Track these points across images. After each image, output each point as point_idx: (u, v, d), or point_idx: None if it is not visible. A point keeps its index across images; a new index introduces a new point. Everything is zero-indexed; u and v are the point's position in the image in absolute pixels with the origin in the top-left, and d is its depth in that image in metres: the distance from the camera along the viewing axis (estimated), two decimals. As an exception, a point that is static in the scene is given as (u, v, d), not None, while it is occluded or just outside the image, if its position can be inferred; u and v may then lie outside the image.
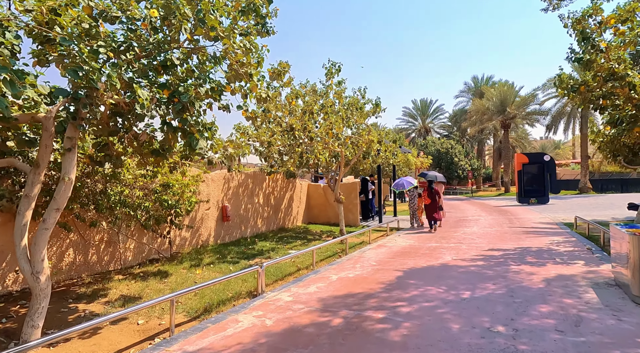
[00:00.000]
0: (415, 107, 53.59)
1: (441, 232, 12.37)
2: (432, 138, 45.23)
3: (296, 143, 8.74)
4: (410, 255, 8.77)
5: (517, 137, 42.00)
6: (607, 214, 16.09)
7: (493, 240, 10.50)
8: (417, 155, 25.99)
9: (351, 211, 14.37)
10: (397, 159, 13.27)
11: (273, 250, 9.31)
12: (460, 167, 40.68)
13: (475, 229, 12.85)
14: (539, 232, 11.69)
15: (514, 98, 34.91)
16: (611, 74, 8.64)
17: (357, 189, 14.40)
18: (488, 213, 18.61)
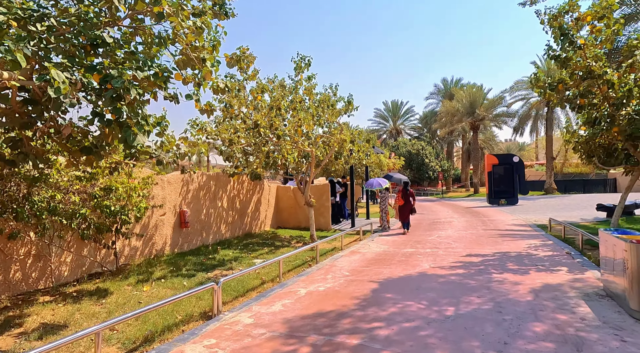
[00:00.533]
0: (386, 108, 53.76)
1: (416, 236, 11.87)
2: (404, 139, 45.37)
3: (262, 141, 7.92)
4: (386, 262, 8.14)
5: (485, 139, 42.77)
6: (575, 215, 16.20)
7: (470, 244, 10.07)
8: (389, 156, 25.68)
9: (322, 215, 13.67)
10: (370, 159, 12.70)
11: (236, 259, 8.44)
12: (431, 168, 40.95)
13: (450, 232, 12.44)
14: (515, 235, 11.40)
15: (482, 100, 35.43)
16: (588, 73, 8.37)
17: (329, 191, 13.72)
18: (460, 214, 18.42)
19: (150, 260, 7.99)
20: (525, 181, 25.11)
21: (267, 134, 7.91)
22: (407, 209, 13.37)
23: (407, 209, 13.37)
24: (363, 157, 12.56)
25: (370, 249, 9.87)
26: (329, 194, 13.67)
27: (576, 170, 46.68)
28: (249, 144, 8.24)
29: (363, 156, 12.55)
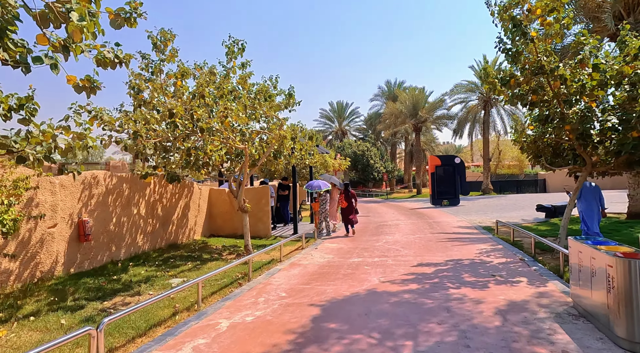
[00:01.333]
0: (331, 109, 53.38)
1: (362, 242, 10.96)
2: (349, 140, 45.13)
3: (180, 135, 6.46)
4: (330, 276, 7.05)
5: (427, 140, 43.77)
6: (515, 215, 16.37)
7: (419, 250, 9.32)
8: (335, 157, 24.90)
9: (261, 220, 12.33)
10: (313, 159, 11.64)
11: (148, 280, 6.87)
12: (376, 169, 41.02)
13: (397, 237, 11.71)
14: (463, 239, 10.90)
15: (424, 102, 36.05)
16: (539, 68, 7.92)
17: (269, 194, 12.41)
18: (406, 216, 17.99)
19: (30, 287, 6.19)
20: (466, 182, 25.62)
21: (186, 126, 6.46)
22: (350, 210, 12.72)
23: (350, 210, 12.72)
24: (306, 156, 11.44)
25: (312, 259, 8.74)
26: (268, 197, 12.37)
27: (508, 171, 49.46)
28: (166, 139, 6.72)
29: (306, 156, 11.43)
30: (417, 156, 37.02)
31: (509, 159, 48.27)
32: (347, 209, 12.91)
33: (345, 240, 11.50)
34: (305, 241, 11.02)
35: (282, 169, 11.36)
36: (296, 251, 10.03)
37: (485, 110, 32.70)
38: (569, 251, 4.94)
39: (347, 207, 12.92)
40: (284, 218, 15.47)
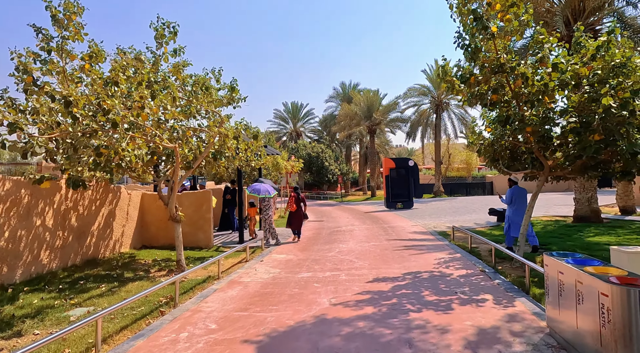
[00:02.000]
0: (286, 109, 52.25)
1: (314, 252, 10.03)
2: (304, 142, 44.27)
3: (85, 130, 5.11)
4: (273, 298, 6.03)
5: (381, 143, 43.96)
6: (468, 219, 16.25)
7: (375, 261, 8.54)
8: (288, 159, 23.86)
9: (202, 229, 11.02)
10: (260, 161, 10.54)
11: (40, 312, 5.44)
12: (331, 171, 40.48)
13: (352, 244, 10.91)
14: (420, 247, 10.31)
15: (379, 105, 36.02)
16: (499, 66, 7.44)
17: (211, 199, 11.12)
18: (361, 221, 17.34)
19: None
20: (419, 185, 25.63)
21: (94, 120, 5.14)
22: (299, 215, 12.09)
23: (299, 215, 12.09)
24: (252, 158, 10.31)
25: (256, 276, 7.66)
26: (210, 203, 11.08)
27: (457, 174, 51.03)
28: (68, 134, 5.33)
29: (252, 157, 10.30)
30: (371, 158, 36.91)
31: (458, 162, 49.82)
32: (296, 213, 12.09)
33: (295, 250, 10.51)
34: (250, 252, 9.89)
35: (224, 172, 10.15)
36: (239, 264, 8.89)
37: (437, 114, 33.21)
38: (545, 269, 4.29)
39: (296, 211, 12.10)
40: (231, 226, 14.19)
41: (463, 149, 52.47)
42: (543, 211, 17.56)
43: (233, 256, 9.72)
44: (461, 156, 49.28)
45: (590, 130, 6.84)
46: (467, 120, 33.60)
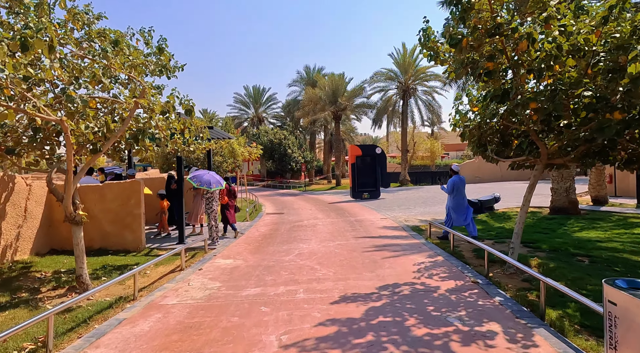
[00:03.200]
0: (247, 93, 49.53)
1: (268, 255, 8.27)
2: (266, 128, 42.02)
3: None
4: (199, 337, 4.24)
5: (347, 130, 42.53)
6: (440, 210, 15.05)
7: (342, 269, 6.92)
8: (247, 144, 21.75)
9: (130, 228, 8.93)
10: (201, 145, 8.53)
11: None
12: (294, 159, 38.61)
13: (314, 244, 9.25)
14: (393, 246, 8.82)
15: (344, 89, 34.38)
16: (496, 26, 5.91)
17: (140, 191, 9.03)
18: (325, 213, 15.74)
19: None
20: (386, 174, 24.40)
21: None
22: (232, 208, 11.12)
23: (232, 208, 11.12)
24: (191, 141, 8.29)
25: (187, 294, 5.81)
26: (139, 196, 8.99)
27: (422, 162, 50.77)
28: None
29: (191, 139, 8.28)
30: (336, 145, 35.38)
31: (422, 151, 49.49)
32: (228, 206, 10.99)
33: (245, 252, 8.70)
34: (188, 257, 8.00)
35: (152, 157, 8.07)
36: (170, 275, 6.99)
37: (404, 100, 32.08)
38: (609, 309, 2.78)
39: (229, 204, 11.01)
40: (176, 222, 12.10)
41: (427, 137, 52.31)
42: (515, 201, 16.72)
43: (167, 262, 7.78)
44: (425, 145, 48.91)
45: (610, 107, 5.48)
46: (434, 107, 32.77)
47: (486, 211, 13.86)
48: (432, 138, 54.14)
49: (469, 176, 32.30)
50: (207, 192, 9.75)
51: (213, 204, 10.00)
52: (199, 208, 10.97)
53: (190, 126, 7.83)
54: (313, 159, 42.39)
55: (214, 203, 10.01)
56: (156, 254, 8.67)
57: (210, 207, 10.32)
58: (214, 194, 9.96)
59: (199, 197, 10.79)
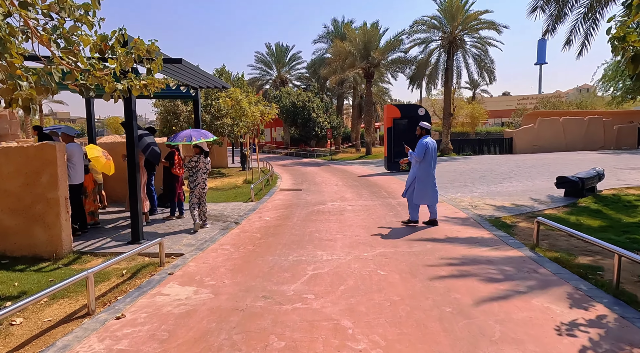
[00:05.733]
0: (269, 52, 45.10)
1: (259, 279, 4.66)
2: (287, 89, 37.90)
3: None
4: None
5: (378, 92, 37.82)
6: (513, 190, 10.96)
7: (403, 340, 3.22)
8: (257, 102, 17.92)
9: (42, 221, 5.51)
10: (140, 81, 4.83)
11: None
12: (319, 124, 34.61)
13: (339, 253, 5.57)
14: (480, 264, 4.97)
15: (378, 42, 29.50)
16: None
17: (56, 161, 5.52)
18: (354, 191, 11.99)
19: None
20: (431, 141, 20.18)
21: None
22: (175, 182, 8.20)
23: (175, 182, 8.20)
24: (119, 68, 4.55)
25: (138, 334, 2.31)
26: (56, 169, 5.48)
27: (461, 129, 45.62)
28: None
29: (128, 62, 4.54)
30: (367, 109, 31.01)
31: (462, 116, 44.24)
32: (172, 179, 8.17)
33: (224, 268, 5.14)
34: (126, 276, 4.54)
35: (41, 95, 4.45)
36: (61, 327, 3.53)
37: (449, 54, 27.02)
38: None
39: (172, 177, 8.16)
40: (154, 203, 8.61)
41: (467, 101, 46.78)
42: (614, 179, 12.25)
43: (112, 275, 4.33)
44: (466, 109, 43.56)
45: None
46: (485, 62, 27.53)
47: (588, 194, 9.68)
48: (474, 101, 48.55)
49: (526, 144, 27.42)
50: (189, 161, 6.65)
51: (198, 176, 6.88)
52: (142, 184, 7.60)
53: (121, 40, 4.16)
54: (340, 125, 38.21)
55: (199, 174, 6.89)
56: (81, 266, 5.27)
57: (194, 179, 7.06)
58: (198, 161, 6.83)
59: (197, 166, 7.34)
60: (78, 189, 6.55)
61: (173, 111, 18.60)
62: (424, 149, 6.93)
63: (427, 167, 7.07)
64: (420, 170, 7.10)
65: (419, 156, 6.99)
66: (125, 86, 4.55)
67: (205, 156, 7.22)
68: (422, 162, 7.05)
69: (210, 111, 18.28)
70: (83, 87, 4.18)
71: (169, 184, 8.22)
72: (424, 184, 7.07)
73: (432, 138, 7.33)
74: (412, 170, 7.25)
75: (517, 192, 10.74)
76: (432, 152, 6.98)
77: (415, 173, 7.13)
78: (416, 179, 7.11)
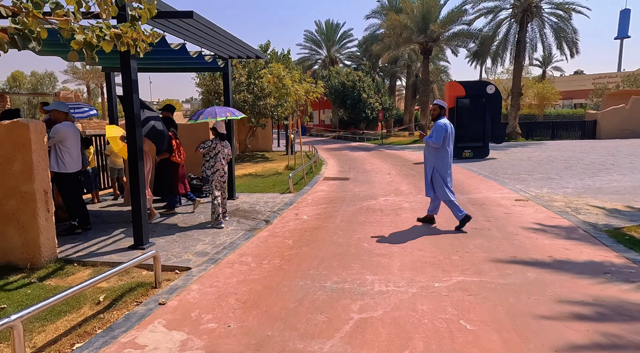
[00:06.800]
0: (319, 30, 43.15)
1: (280, 332, 3.15)
2: (337, 68, 35.90)
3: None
4: None
5: (436, 69, 34.70)
6: (616, 186, 8.53)
7: None
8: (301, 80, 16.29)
9: (15, 222, 4.35)
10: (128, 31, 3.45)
11: None
12: (369, 105, 32.41)
13: (397, 277, 3.90)
14: (617, 309, 3.06)
15: (437, 13, 26.51)
16: None
17: (30, 145, 4.32)
18: (412, 182, 10.11)
19: None
20: (501, 124, 17.46)
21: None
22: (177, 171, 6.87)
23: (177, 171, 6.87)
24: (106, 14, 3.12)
25: None
26: (30, 156, 4.28)
27: (528, 111, 41.17)
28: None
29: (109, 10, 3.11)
30: (423, 88, 28.32)
31: (530, 97, 39.74)
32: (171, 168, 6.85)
33: (233, 301, 3.68)
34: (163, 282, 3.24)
35: None
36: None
37: (523, 24, 23.52)
38: None
39: (173, 165, 6.83)
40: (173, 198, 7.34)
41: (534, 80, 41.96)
42: None
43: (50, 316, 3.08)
44: (535, 89, 39.14)
45: None
46: (566, 32, 23.69)
47: None
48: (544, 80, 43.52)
49: (614, 128, 23.50)
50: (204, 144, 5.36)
51: (217, 161, 5.53)
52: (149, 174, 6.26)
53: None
54: (392, 107, 35.67)
55: (218, 158, 5.54)
56: (60, 281, 4.09)
57: (211, 165, 5.72)
58: (216, 144, 5.56)
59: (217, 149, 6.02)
60: (75, 179, 5.39)
61: (215, 90, 17.55)
62: (442, 133, 5.63)
63: (446, 154, 5.78)
64: (438, 159, 5.79)
65: (437, 141, 5.66)
66: (90, 37, 3.11)
67: (221, 139, 5.84)
68: (440, 149, 5.73)
69: (253, 90, 17.01)
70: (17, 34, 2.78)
71: (166, 175, 6.88)
72: (443, 176, 5.79)
73: None
74: (428, 160, 5.92)
75: (626, 189, 8.32)
76: (450, 136, 5.75)
77: (433, 163, 5.83)
78: (434, 171, 5.82)
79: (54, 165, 5.15)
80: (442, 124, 5.70)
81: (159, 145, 6.25)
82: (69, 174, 5.25)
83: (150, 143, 6.15)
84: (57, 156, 5.15)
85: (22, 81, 54.57)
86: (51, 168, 5.16)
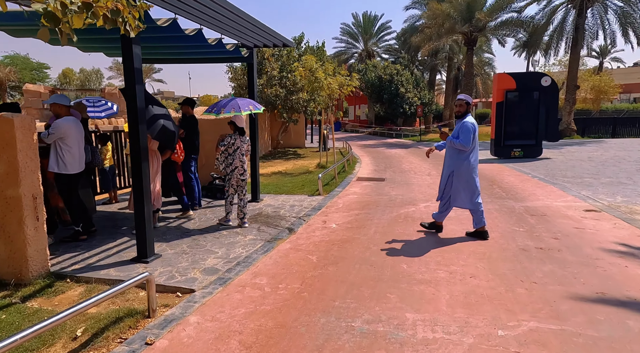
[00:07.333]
0: (356, 23, 41.85)
1: (323, 344, 2.36)
2: (374, 61, 34.62)
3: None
4: None
5: (479, 62, 32.65)
6: None
7: None
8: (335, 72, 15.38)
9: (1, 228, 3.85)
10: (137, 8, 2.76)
11: None
12: (407, 100, 30.95)
13: (446, 318, 2.98)
14: None
15: (485, 0, 24.64)
16: None
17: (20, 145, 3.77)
18: (456, 185, 9.00)
19: None
20: (557, 119, 15.72)
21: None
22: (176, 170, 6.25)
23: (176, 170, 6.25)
24: None
25: None
26: (15, 155, 3.73)
27: (583, 106, 37.99)
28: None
29: None
30: (466, 82, 26.58)
31: (585, 91, 36.56)
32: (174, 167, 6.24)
33: (270, 303, 2.92)
34: None
35: None
36: None
37: (582, 10, 21.31)
38: None
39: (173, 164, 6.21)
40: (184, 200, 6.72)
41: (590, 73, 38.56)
42: None
43: None
44: (592, 82, 35.97)
45: None
46: (634, 17, 21.24)
47: None
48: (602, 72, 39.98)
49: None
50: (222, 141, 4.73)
51: (235, 158, 4.85)
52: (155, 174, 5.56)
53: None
54: (432, 102, 33.98)
55: (237, 155, 4.82)
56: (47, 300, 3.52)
57: (230, 163, 5.05)
58: (235, 140, 4.89)
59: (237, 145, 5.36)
60: (76, 181, 4.86)
61: (246, 85, 17.06)
62: (471, 135, 4.90)
63: (476, 157, 5.08)
64: (460, 162, 5.02)
65: (467, 143, 4.90)
66: (53, 6, 2.43)
67: (241, 133, 5.16)
68: (472, 151, 5.01)
69: (285, 84, 16.34)
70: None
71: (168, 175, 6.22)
72: (465, 182, 5.04)
73: None
74: (448, 163, 5.20)
75: None
76: (477, 137, 5.06)
77: (453, 166, 5.10)
78: (454, 174, 5.08)
79: (53, 165, 4.64)
80: (471, 123, 4.97)
81: (169, 147, 5.64)
82: (69, 175, 4.72)
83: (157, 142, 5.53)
84: (57, 155, 4.62)
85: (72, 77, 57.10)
86: (51, 169, 4.66)
